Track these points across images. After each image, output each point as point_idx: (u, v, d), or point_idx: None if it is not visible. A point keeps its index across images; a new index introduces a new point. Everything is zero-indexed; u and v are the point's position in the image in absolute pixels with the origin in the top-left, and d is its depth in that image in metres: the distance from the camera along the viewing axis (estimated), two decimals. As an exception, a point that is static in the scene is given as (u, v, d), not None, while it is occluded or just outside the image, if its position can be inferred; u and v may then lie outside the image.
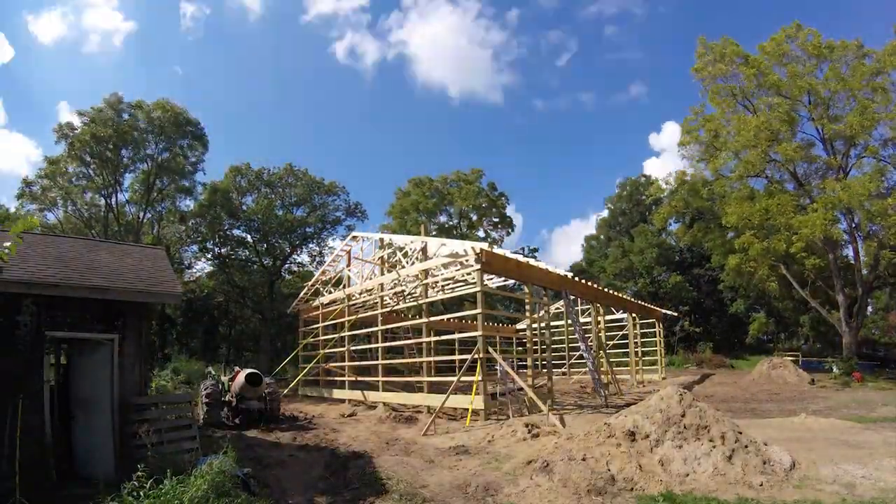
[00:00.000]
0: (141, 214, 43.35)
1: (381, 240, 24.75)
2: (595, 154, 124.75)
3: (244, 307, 49.26)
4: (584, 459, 8.54)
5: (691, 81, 38.82)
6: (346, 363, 25.85)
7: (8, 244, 4.57)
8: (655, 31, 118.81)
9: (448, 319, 25.39)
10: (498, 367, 17.95)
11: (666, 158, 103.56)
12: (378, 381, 22.97)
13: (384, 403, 20.56)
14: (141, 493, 6.60)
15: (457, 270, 21.44)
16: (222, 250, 48.00)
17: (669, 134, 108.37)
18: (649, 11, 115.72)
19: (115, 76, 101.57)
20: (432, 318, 21.12)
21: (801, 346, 48.05)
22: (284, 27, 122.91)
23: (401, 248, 23.04)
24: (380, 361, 23.42)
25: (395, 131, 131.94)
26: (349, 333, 25.74)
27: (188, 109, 42.98)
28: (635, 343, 31.67)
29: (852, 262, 36.21)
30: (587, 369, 24.19)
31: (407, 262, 22.11)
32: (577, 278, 25.00)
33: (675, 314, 40.32)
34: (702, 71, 37.27)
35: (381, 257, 24.11)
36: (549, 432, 12.47)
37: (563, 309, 32.94)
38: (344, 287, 26.76)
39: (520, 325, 36.77)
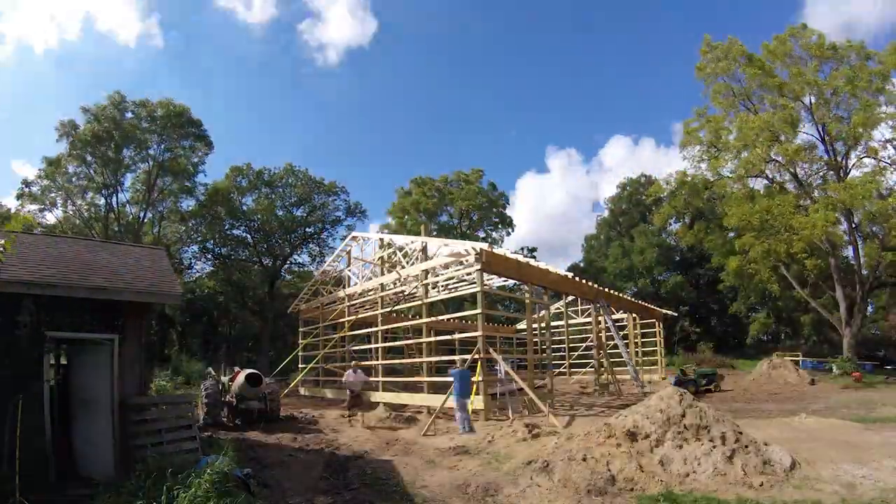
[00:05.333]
0: (141, 214, 43.35)
1: (382, 240, 24.72)
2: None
3: (244, 307, 49.29)
4: (584, 460, 8.54)
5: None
6: (346, 363, 25.83)
7: (2, 242, 4.58)
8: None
9: (448, 319, 25.38)
10: (498, 368, 17.94)
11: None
12: (378, 382, 22.97)
13: (384, 403, 20.54)
14: (140, 493, 6.61)
15: (457, 270, 21.44)
16: (222, 250, 48.03)
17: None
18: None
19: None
20: (432, 318, 21.12)
21: (801, 346, 47.99)
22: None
23: (401, 249, 23.02)
24: (380, 361, 23.43)
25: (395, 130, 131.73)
26: (349, 333, 25.73)
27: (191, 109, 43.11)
28: (635, 343, 31.63)
29: (852, 262, 36.22)
30: (627, 369, 25.27)
31: (407, 263, 22.09)
32: (576, 278, 24.99)
33: (675, 314, 40.28)
34: (705, 69, 37.30)
35: (382, 257, 24.09)
36: (549, 432, 12.46)
37: (562, 309, 33.00)
38: (344, 287, 26.76)
39: (520, 325, 36.75)
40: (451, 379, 15.60)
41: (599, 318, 26.83)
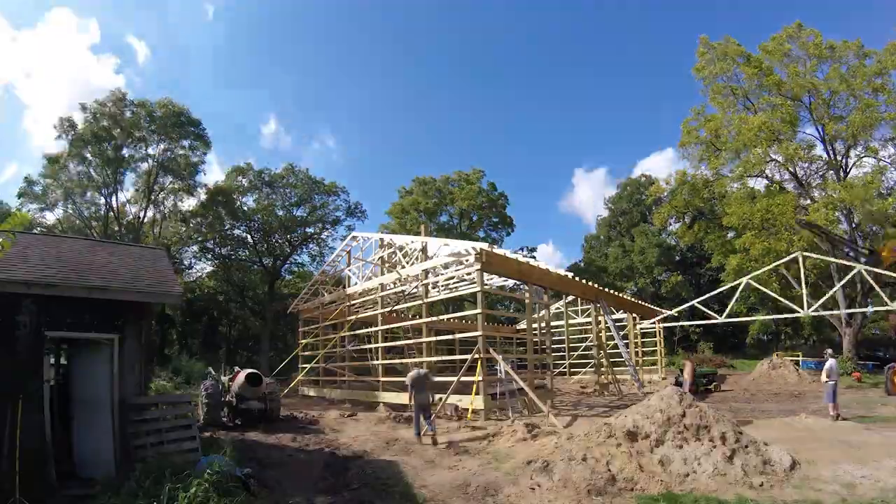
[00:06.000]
0: (141, 214, 43.34)
1: (382, 240, 24.71)
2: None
3: (244, 307, 49.28)
4: (584, 459, 8.53)
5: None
6: (346, 363, 25.82)
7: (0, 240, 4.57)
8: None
9: (448, 319, 25.38)
10: (498, 367, 17.94)
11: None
12: (378, 381, 22.97)
13: (384, 404, 20.55)
14: (140, 493, 6.61)
15: (457, 270, 21.43)
16: (223, 250, 48.02)
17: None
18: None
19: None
20: (432, 318, 21.11)
21: (801, 346, 47.94)
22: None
23: (401, 248, 23.02)
24: (380, 361, 23.42)
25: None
26: (349, 333, 25.72)
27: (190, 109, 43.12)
28: (635, 343, 31.63)
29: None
30: (627, 370, 25.20)
31: (407, 262, 22.09)
32: (576, 278, 24.98)
33: (676, 314, 40.22)
34: (702, 70, 37.27)
35: (382, 257, 24.09)
36: (549, 432, 12.46)
37: (562, 309, 33.00)
38: (344, 287, 26.75)
39: (520, 325, 36.74)
40: (451, 378, 15.59)
41: (599, 318, 26.82)
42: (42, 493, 7.19)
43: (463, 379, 16.89)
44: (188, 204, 45.55)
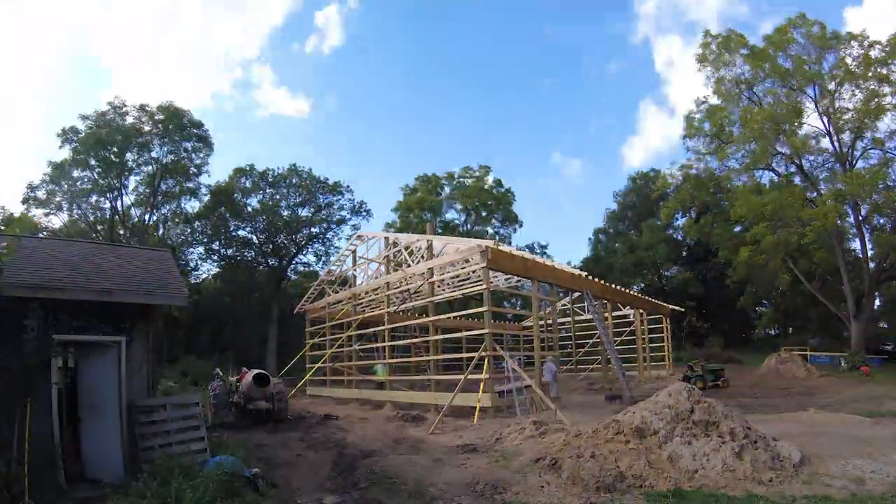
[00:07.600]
0: (146, 217, 43.56)
1: (387, 239, 24.73)
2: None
3: (251, 308, 49.42)
4: (592, 456, 8.51)
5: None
6: (353, 362, 25.85)
7: (5, 244, 4.58)
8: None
9: (455, 317, 25.36)
10: (505, 365, 17.93)
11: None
12: (385, 380, 23.00)
13: (391, 402, 20.58)
14: (148, 494, 6.63)
15: (463, 268, 21.44)
16: (228, 251, 48.17)
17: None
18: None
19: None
20: (439, 317, 21.12)
21: (809, 341, 47.69)
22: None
23: (406, 247, 23.02)
24: (386, 360, 23.44)
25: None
26: (356, 333, 25.75)
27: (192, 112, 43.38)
28: (643, 339, 31.55)
29: (859, 255, 36.00)
30: (613, 367, 24.20)
31: (413, 261, 22.09)
32: (583, 274, 24.91)
33: (683, 309, 40.09)
34: (706, 61, 37.10)
35: (387, 256, 24.10)
36: (557, 429, 12.43)
37: (568, 306, 32.98)
38: (350, 286, 26.78)
39: (527, 322, 36.70)
40: (458, 376, 15.58)
41: (606, 315, 26.75)
42: (51, 495, 7.24)
43: (470, 377, 16.89)
44: (192, 206, 45.89)
